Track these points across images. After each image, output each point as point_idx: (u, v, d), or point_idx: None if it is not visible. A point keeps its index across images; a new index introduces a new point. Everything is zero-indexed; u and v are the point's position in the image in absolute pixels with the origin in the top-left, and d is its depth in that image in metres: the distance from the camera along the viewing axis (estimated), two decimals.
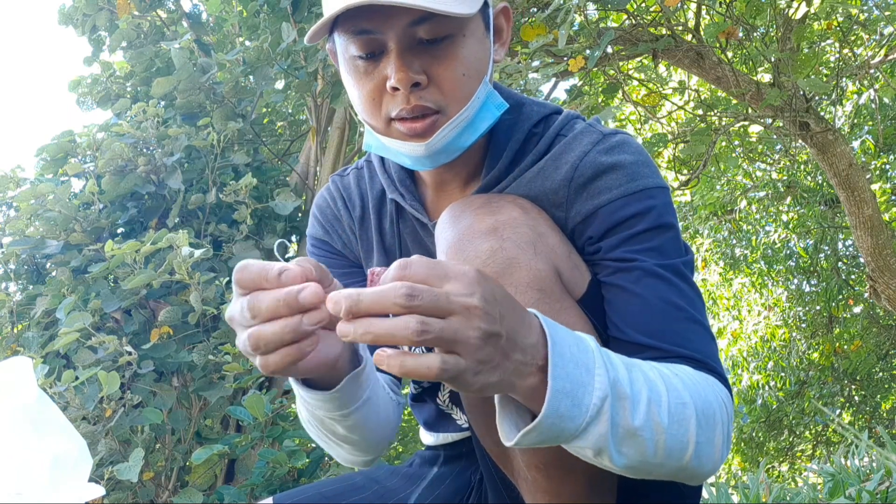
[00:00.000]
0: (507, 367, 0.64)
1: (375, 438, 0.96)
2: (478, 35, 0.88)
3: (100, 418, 2.48)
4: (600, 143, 0.91)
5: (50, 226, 3.07)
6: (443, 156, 0.90)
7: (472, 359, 0.61)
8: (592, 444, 0.68)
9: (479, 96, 0.88)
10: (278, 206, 3.23)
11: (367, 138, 0.95)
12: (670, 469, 0.74)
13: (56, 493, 0.75)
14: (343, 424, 0.88)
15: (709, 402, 0.77)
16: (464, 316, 0.60)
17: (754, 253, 8.00)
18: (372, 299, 0.59)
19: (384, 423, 0.96)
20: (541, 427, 0.66)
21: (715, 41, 3.98)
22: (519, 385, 0.65)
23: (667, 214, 0.88)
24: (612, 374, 0.69)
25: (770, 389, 7.58)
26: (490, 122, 0.90)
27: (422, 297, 0.58)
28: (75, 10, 3.85)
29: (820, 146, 4.28)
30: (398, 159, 0.93)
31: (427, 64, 0.84)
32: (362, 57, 0.85)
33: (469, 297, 0.61)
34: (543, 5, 3.17)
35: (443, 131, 0.86)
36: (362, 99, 0.88)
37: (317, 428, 0.92)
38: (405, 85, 0.83)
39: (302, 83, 3.50)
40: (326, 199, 1.10)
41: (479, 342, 0.61)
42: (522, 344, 0.65)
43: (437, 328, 0.59)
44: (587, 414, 0.66)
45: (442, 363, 0.59)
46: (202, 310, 2.70)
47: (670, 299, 0.84)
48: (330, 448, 0.98)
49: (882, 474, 1.73)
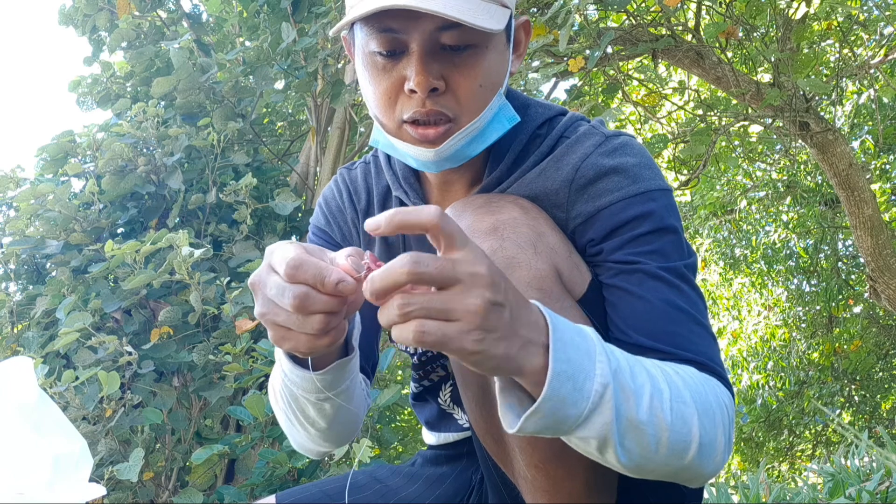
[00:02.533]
0: (515, 342, 0.64)
1: (338, 429, 0.95)
2: (499, 48, 0.88)
3: (100, 418, 2.48)
4: (602, 145, 0.91)
5: (50, 226, 3.07)
6: (449, 162, 0.90)
7: (474, 325, 0.61)
8: (597, 433, 0.68)
9: (492, 108, 0.88)
10: (278, 206, 3.24)
11: (375, 134, 0.94)
12: (673, 468, 0.74)
13: (57, 493, 0.75)
14: (315, 407, 0.88)
15: (710, 402, 0.77)
16: (467, 284, 0.61)
17: (754, 253, 8.00)
18: (383, 276, 0.61)
19: (352, 417, 0.96)
20: (543, 410, 0.65)
21: (715, 41, 3.98)
22: (526, 364, 0.65)
23: (669, 217, 0.88)
24: (613, 364, 0.69)
25: (770, 389, 7.59)
26: (499, 134, 0.91)
27: (427, 265, 0.60)
28: (75, 10, 3.85)
29: (820, 146, 4.28)
30: (404, 159, 0.94)
31: (447, 70, 0.84)
32: (382, 54, 0.85)
33: (478, 265, 0.62)
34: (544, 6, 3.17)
35: (453, 140, 0.87)
36: (377, 96, 0.88)
37: (286, 403, 0.91)
38: (424, 89, 0.83)
39: (302, 83, 3.50)
40: (333, 191, 1.11)
41: (483, 310, 0.61)
42: (527, 320, 0.66)
43: (418, 301, 0.60)
44: (589, 400, 0.66)
45: (418, 327, 0.60)
46: (202, 310, 2.70)
47: (673, 302, 0.84)
48: (290, 428, 0.96)
49: (882, 474, 1.73)
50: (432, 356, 1.02)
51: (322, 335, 0.68)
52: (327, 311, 0.67)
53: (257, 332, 2.76)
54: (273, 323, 0.69)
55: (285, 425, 0.97)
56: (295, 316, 0.67)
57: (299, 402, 0.89)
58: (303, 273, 0.66)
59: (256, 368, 2.53)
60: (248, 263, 2.85)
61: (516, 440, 0.81)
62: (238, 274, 2.95)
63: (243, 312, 2.69)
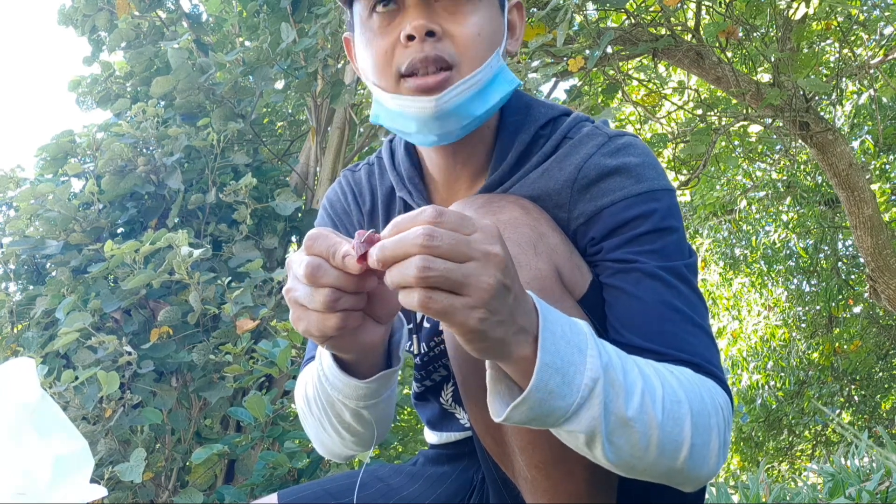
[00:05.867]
0: (510, 328, 0.65)
1: (371, 435, 0.95)
2: (492, 9, 0.91)
3: (99, 418, 2.48)
4: (605, 145, 0.91)
5: (50, 226, 3.07)
6: (452, 121, 0.88)
7: (483, 304, 0.62)
8: (585, 428, 0.68)
9: (491, 65, 0.89)
10: (279, 206, 3.24)
11: (374, 108, 0.94)
12: (664, 469, 0.74)
13: (58, 494, 0.75)
14: (353, 413, 0.88)
15: (705, 404, 0.76)
16: (482, 262, 0.62)
17: (754, 253, 8.00)
18: (394, 245, 0.61)
19: (385, 422, 0.96)
20: (530, 401, 0.66)
21: (715, 41, 3.98)
22: (515, 352, 0.66)
23: (670, 217, 0.88)
24: (604, 359, 0.69)
25: (770, 389, 7.59)
26: (502, 95, 0.90)
27: (441, 239, 0.60)
28: (75, 10, 3.85)
29: (820, 146, 4.28)
30: (406, 127, 0.91)
31: (443, 19, 0.87)
32: (379, 11, 0.88)
33: (493, 245, 0.63)
34: (543, 5, 3.17)
35: (454, 89, 0.86)
36: (375, 57, 0.89)
37: (321, 409, 0.91)
38: (420, 32, 0.85)
39: (302, 83, 3.50)
40: (337, 193, 1.11)
41: (494, 290, 0.62)
42: (525, 308, 0.66)
43: (441, 267, 0.60)
44: (578, 394, 0.67)
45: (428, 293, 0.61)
46: (202, 310, 2.70)
47: (669, 302, 0.84)
48: (321, 434, 0.96)
49: (882, 474, 1.73)
50: (434, 356, 1.02)
51: (329, 312, 0.69)
52: (336, 285, 0.68)
53: (258, 332, 2.76)
54: (293, 300, 0.71)
55: (314, 431, 0.97)
56: (309, 290, 0.69)
57: (336, 409, 0.89)
58: (318, 245, 0.68)
59: (257, 369, 2.53)
60: (247, 263, 2.85)
61: (517, 440, 0.81)
62: (238, 274, 2.95)
63: (244, 312, 2.69)
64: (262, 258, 2.98)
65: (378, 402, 0.87)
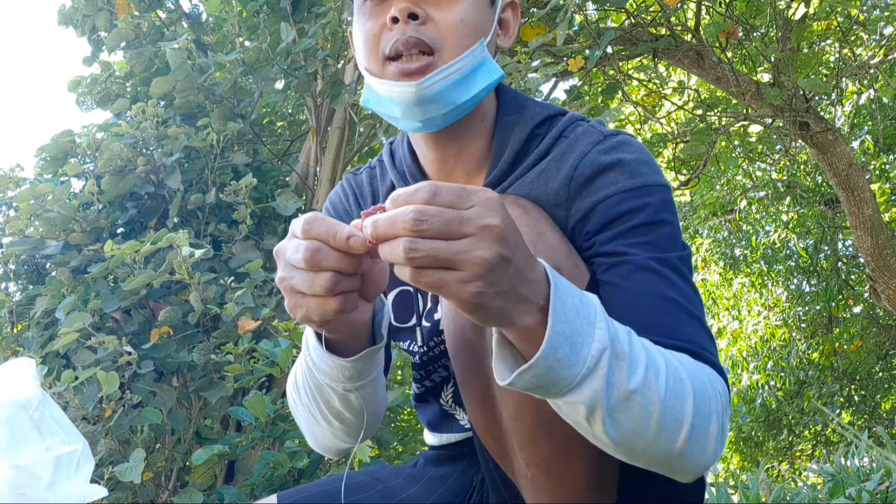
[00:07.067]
0: (511, 298, 0.64)
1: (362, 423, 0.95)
2: (481, 2, 0.93)
3: (99, 418, 2.48)
4: (600, 143, 0.92)
5: (50, 226, 3.07)
6: (433, 107, 0.90)
7: (477, 277, 0.61)
8: (587, 399, 0.68)
9: (475, 54, 0.90)
10: (280, 206, 3.24)
11: (364, 92, 0.96)
12: (662, 451, 0.73)
13: (58, 493, 0.75)
14: (341, 399, 0.88)
15: (705, 385, 0.76)
16: (477, 237, 0.61)
17: (754, 253, 8.00)
18: (385, 224, 0.62)
19: (377, 409, 0.96)
20: (537, 368, 0.66)
21: (715, 41, 3.98)
22: (518, 321, 0.66)
23: (664, 211, 0.88)
24: (611, 332, 0.69)
25: (769, 389, 7.58)
26: (485, 85, 0.91)
27: (430, 220, 0.60)
28: (75, 10, 3.85)
29: (820, 146, 4.28)
30: (391, 111, 0.93)
31: (429, 5, 0.90)
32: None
33: (491, 217, 0.62)
34: (543, 5, 3.17)
35: (436, 75, 0.88)
36: (365, 41, 0.92)
37: (310, 397, 0.91)
38: (404, 14, 0.88)
39: (302, 83, 3.50)
40: (339, 195, 1.12)
41: (490, 263, 0.61)
42: (529, 278, 0.66)
43: (427, 248, 0.60)
44: (584, 364, 0.67)
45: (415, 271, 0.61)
46: (202, 310, 2.70)
47: (663, 293, 0.83)
48: (312, 425, 0.96)
49: (882, 474, 1.73)
50: (433, 356, 1.02)
51: (330, 297, 0.69)
52: (337, 268, 0.68)
53: (258, 332, 2.76)
54: (290, 288, 0.70)
55: (305, 422, 0.97)
56: (308, 276, 0.68)
57: (324, 394, 0.89)
58: (316, 229, 0.68)
59: (257, 369, 2.53)
60: (248, 263, 2.85)
61: (517, 439, 0.81)
62: (238, 274, 2.95)
63: (245, 312, 2.69)
64: (263, 258, 2.98)
65: (365, 385, 0.87)
